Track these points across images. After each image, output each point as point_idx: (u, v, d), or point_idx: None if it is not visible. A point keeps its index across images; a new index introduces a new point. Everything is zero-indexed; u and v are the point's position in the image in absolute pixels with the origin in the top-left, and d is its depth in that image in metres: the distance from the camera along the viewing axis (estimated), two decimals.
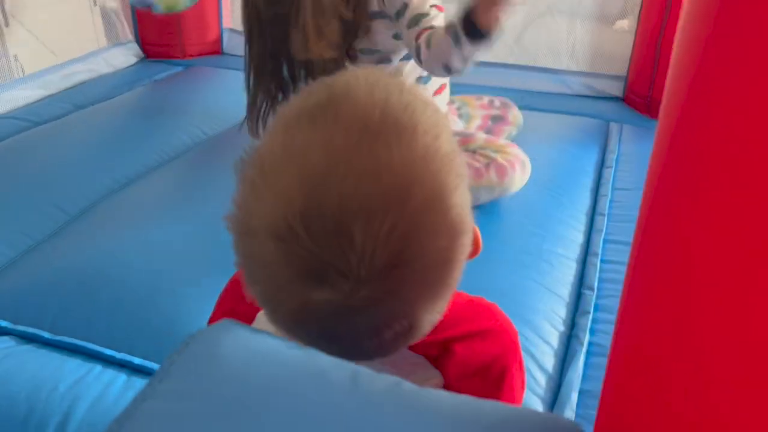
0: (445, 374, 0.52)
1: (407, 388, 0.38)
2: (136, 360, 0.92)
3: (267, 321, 0.52)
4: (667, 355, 0.36)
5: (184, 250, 1.15)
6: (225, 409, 0.34)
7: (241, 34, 1.45)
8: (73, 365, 0.91)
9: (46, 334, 0.96)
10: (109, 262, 1.13)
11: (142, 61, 2.32)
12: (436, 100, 1.36)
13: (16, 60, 1.91)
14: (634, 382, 0.40)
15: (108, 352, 0.93)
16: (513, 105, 1.61)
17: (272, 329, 0.53)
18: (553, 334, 1.01)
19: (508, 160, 1.24)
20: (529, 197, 1.36)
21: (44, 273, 1.11)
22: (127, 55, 2.28)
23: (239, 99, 1.44)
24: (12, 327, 0.98)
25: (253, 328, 0.41)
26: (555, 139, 1.70)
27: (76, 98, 1.92)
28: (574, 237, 1.27)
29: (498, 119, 1.54)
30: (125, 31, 2.28)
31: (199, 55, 2.27)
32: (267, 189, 0.41)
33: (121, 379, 0.89)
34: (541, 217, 1.30)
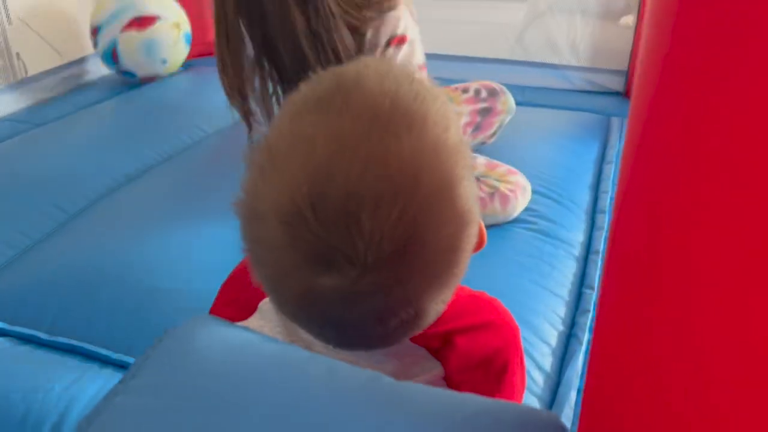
0: (446, 366, 0.52)
1: (385, 382, 0.38)
2: (133, 360, 0.91)
3: (269, 310, 0.53)
4: (655, 354, 0.35)
5: (184, 249, 1.14)
6: (199, 404, 0.34)
7: None
8: (69, 366, 0.91)
9: (43, 335, 0.96)
10: (108, 261, 1.12)
11: None
12: None
13: (18, 59, 1.91)
14: (612, 381, 0.39)
15: (104, 352, 0.93)
16: (501, 90, 1.54)
17: (275, 319, 0.53)
18: (552, 333, 1.00)
19: (511, 190, 1.25)
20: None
21: (43, 273, 1.11)
22: None
23: None
24: (9, 328, 0.98)
25: (229, 323, 0.41)
26: (555, 134, 1.69)
27: (76, 99, 1.93)
28: (575, 235, 1.26)
29: (486, 112, 1.50)
30: None
31: (199, 55, 2.26)
32: (275, 174, 0.41)
33: (117, 379, 0.89)
34: (541, 215, 1.29)
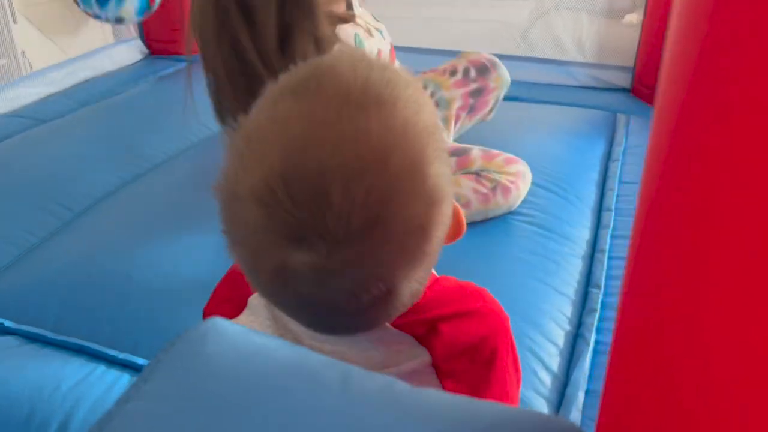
0: (432, 353, 0.52)
1: (400, 389, 0.37)
2: (140, 360, 0.91)
3: (258, 305, 0.55)
4: (669, 354, 0.35)
5: (190, 248, 1.14)
6: (212, 411, 0.34)
7: None
8: (75, 365, 0.91)
9: (49, 334, 0.96)
10: (113, 260, 1.12)
11: (146, 57, 2.31)
12: None
13: (23, 56, 1.91)
14: (635, 382, 0.39)
15: (111, 352, 0.93)
16: (492, 65, 1.46)
17: (264, 313, 0.54)
18: (558, 333, 0.99)
19: (511, 181, 1.24)
20: (534, 192, 1.35)
21: (48, 271, 1.11)
22: (132, 52, 2.27)
23: None
24: (15, 326, 0.98)
25: (241, 327, 0.40)
26: (561, 131, 1.68)
27: (81, 95, 1.92)
28: (581, 233, 1.25)
29: (478, 92, 1.44)
30: (129, 28, 2.28)
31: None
32: (251, 156, 0.43)
33: (124, 379, 0.89)
34: (546, 213, 1.28)
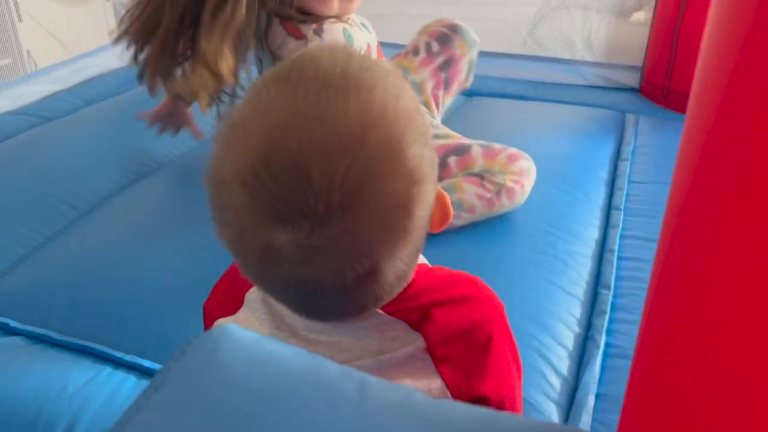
0: (427, 338, 0.53)
1: (419, 400, 0.36)
2: (146, 362, 0.91)
3: (254, 300, 0.56)
4: (693, 360, 0.34)
5: (198, 248, 1.12)
6: (224, 422, 0.33)
7: None
8: (82, 366, 0.90)
9: (55, 335, 0.95)
10: (119, 260, 1.12)
11: None
12: None
13: (29, 55, 1.90)
14: (660, 387, 0.38)
15: (117, 353, 0.92)
16: (453, 30, 1.39)
17: (260, 308, 0.55)
18: (568, 335, 0.98)
19: (515, 181, 1.21)
20: (543, 192, 1.33)
21: (54, 271, 1.11)
22: None
23: None
24: (21, 327, 0.97)
25: (254, 333, 0.40)
26: (569, 131, 1.67)
27: (87, 93, 1.91)
28: (589, 233, 1.24)
29: (447, 65, 1.39)
30: None
31: None
32: (236, 142, 0.45)
33: (130, 381, 0.88)
34: (554, 212, 1.27)
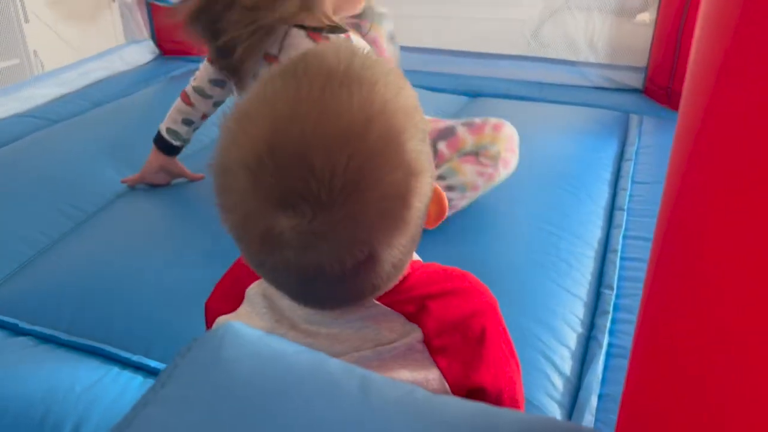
0: (423, 330, 0.54)
1: (420, 396, 0.37)
2: (153, 363, 0.91)
3: (255, 295, 0.57)
4: (691, 356, 0.34)
5: (205, 250, 1.13)
6: (230, 417, 0.33)
7: None
8: (89, 367, 0.91)
9: (63, 336, 0.96)
10: (126, 261, 1.12)
11: (158, 58, 2.32)
12: None
13: (35, 56, 1.92)
14: (656, 384, 0.38)
15: (124, 354, 0.93)
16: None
17: (260, 302, 0.56)
18: (571, 336, 0.99)
19: (507, 148, 1.23)
20: (546, 192, 1.34)
21: (62, 272, 1.11)
22: (143, 53, 2.28)
23: None
24: (29, 327, 0.98)
25: (258, 331, 0.40)
26: (573, 131, 1.68)
27: (94, 96, 1.93)
28: (593, 234, 1.24)
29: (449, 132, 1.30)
30: (140, 29, 2.29)
31: None
32: (242, 131, 0.47)
33: (137, 381, 0.89)
34: (558, 213, 1.28)
